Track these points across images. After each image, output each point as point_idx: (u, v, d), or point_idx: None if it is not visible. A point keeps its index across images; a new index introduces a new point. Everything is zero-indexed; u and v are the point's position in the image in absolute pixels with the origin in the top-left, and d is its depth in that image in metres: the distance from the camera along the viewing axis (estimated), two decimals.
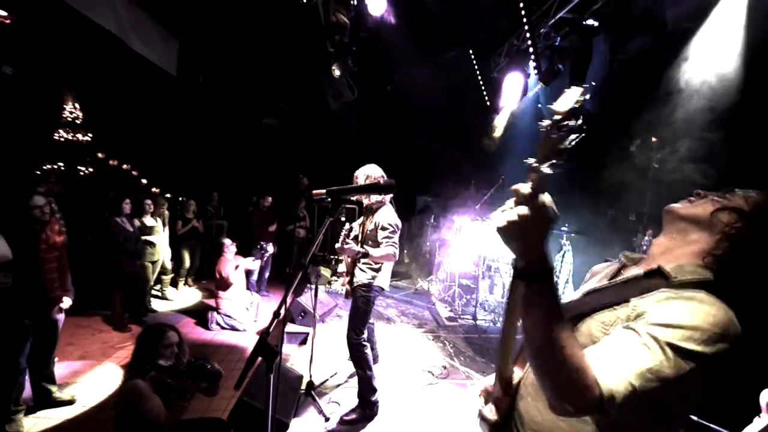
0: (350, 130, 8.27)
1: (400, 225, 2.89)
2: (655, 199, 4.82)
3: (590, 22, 4.65)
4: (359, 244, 2.90)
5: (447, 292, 6.01)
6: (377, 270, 2.87)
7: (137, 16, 4.97)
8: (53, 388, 2.94)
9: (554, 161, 0.76)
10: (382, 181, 1.11)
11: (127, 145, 7.31)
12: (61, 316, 2.89)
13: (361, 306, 2.86)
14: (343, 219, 6.81)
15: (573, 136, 0.75)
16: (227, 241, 4.87)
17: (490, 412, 1.06)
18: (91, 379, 3.37)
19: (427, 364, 3.92)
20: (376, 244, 2.83)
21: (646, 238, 3.90)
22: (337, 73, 5.33)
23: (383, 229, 2.79)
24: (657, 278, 0.87)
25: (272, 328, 1.22)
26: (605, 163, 5.26)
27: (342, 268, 3.10)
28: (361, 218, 3.18)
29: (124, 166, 7.59)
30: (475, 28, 6.22)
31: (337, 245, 2.82)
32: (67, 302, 2.90)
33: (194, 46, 6.50)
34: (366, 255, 2.74)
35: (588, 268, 5.12)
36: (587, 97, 0.76)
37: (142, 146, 7.43)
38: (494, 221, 0.81)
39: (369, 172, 2.95)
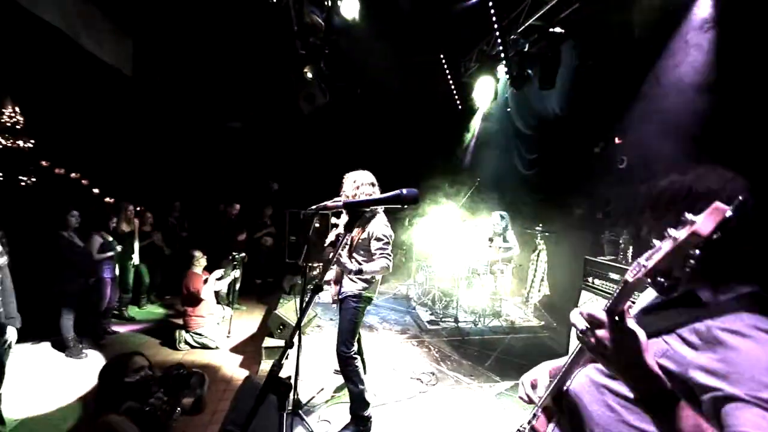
0: (320, 134, 8.10)
1: (393, 235, 2.81)
2: (619, 197, 5.06)
3: (558, 29, 4.84)
4: (349, 253, 2.77)
5: (427, 295, 5.99)
6: (369, 281, 2.76)
7: (87, 11, 4.54)
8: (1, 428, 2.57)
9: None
10: (404, 191, 1.01)
11: (75, 151, 6.59)
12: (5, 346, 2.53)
13: (352, 318, 2.73)
14: (316, 225, 6.61)
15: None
16: (197, 254, 4.55)
17: (541, 424, 1.07)
18: (43, 414, 2.98)
19: (414, 371, 3.85)
20: (368, 254, 2.73)
21: (625, 236, 4.05)
22: (309, 75, 5.17)
23: (378, 240, 2.69)
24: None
25: (283, 359, 1.08)
26: (573, 164, 5.49)
27: (330, 276, 2.96)
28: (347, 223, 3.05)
29: (73, 175, 6.85)
30: (445, 32, 6.28)
31: (331, 255, 2.68)
32: (11, 333, 2.54)
33: (151, 43, 6.06)
34: (360, 272, 2.64)
35: (560, 266, 5.28)
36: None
37: (94, 152, 6.74)
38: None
39: (357, 178, 2.83)
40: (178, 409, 1.91)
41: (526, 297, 5.71)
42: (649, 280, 0.70)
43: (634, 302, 0.77)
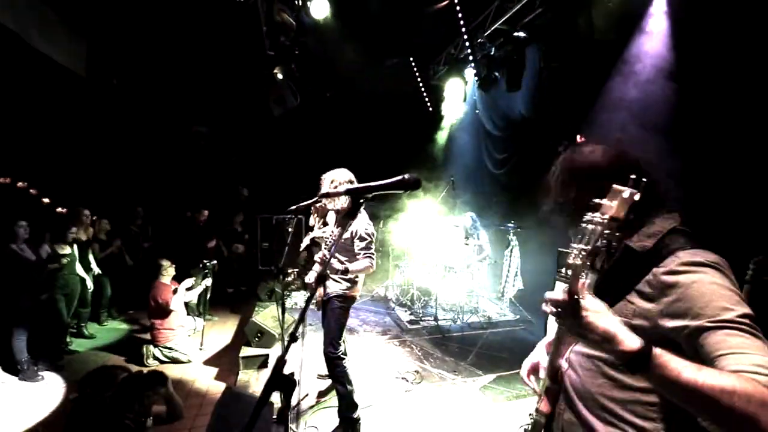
0: (291, 136, 7.95)
1: (375, 233, 2.80)
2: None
3: (521, 33, 5.06)
4: (330, 254, 2.73)
5: (405, 295, 6.00)
6: (353, 281, 2.72)
7: (39, 9, 4.22)
8: None
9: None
10: (407, 176, 1.00)
11: (22, 158, 6.00)
12: None
13: (338, 318, 2.69)
14: (290, 230, 6.46)
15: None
16: (165, 263, 4.32)
17: (545, 405, 1.11)
18: None
19: (399, 370, 3.84)
20: (350, 254, 2.69)
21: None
22: (279, 76, 5.07)
23: (361, 239, 2.65)
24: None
25: (287, 354, 1.04)
26: (540, 163, 5.72)
27: (312, 277, 2.89)
28: (325, 224, 3.02)
29: (19, 184, 6.25)
30: (415, 36, 6.39)
31: (317, 257, 2.64)
32: None
33: (107, 43, 5.71)
34: (346, 272, 2.60)
35: (533, 261, 5.49)
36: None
37: (43, 159, 6.19)
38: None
39: (335, 177, 2.79)
40: (150, 419, 1.81)
41: (501, 292, 5.87)
42: (588, 262, 0.78)
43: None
